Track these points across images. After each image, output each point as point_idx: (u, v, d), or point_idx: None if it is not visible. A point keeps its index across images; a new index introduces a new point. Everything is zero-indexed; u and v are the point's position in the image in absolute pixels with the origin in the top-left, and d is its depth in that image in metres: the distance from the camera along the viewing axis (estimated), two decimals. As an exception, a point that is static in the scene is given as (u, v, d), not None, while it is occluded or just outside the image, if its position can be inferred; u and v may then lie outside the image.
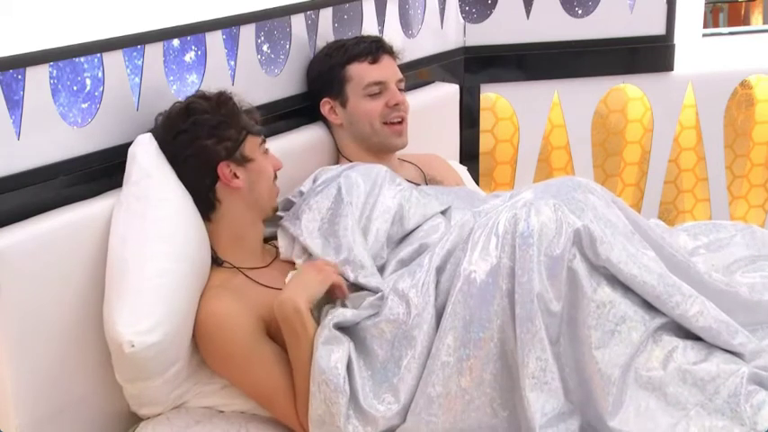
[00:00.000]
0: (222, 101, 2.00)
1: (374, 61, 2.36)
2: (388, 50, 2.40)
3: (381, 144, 2.37)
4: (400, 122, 2.36)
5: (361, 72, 2.35)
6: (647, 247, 1.83)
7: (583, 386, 1.73)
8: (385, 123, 2.34)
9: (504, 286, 1.74)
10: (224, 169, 1.97)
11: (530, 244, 1.74)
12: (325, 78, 2.38)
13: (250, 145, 2.01)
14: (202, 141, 1.96)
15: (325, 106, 2.39)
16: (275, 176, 2.08)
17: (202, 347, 1.92)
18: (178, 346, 1.85)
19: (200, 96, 2.03)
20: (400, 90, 2.38)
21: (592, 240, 1.75)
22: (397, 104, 2.35)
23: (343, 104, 2.37)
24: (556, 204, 1.78)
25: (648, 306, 1.78)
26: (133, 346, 1.76)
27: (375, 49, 2.36)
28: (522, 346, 1.70)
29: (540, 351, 1.70)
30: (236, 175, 1.98)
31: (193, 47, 2.14)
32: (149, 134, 1.97)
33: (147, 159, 1.93)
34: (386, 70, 2.37)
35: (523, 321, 1.71)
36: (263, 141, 2.06)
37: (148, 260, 1.83)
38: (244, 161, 1.99)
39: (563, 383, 1.73)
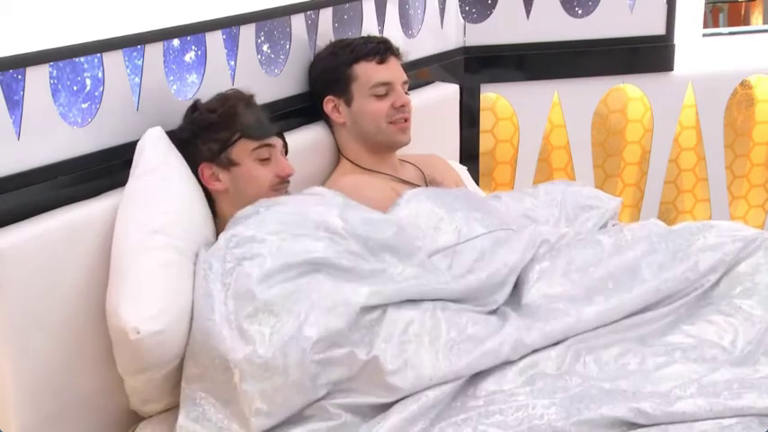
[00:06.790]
0: (223, 100, 2.03)
1: (382, 61, 2.36)
2: (395, 52, 2.40)
3: (386, 141, 2.36)
4: (405, 121, 2.37)
5: (368, 71, 2.35)
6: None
7: None
8: (390, 122, 2.35)
9: None
10: (204, 170, 2.01)
11: None
12: (330, 76, 2.38)
13: (240, 149, 2.01)
14: (193, 140, 2.01)
15: (329, 104, 2.38)
16: (285, 181, 2.06)
17: None
18: (180, 337, 1.84)
19: (218, 94, 2.07)
20: (405, 92, 2.39)
21: None
22: (403, 106, 2.35)
23: (348, 103, 2.36)
24: None
25: None
26: (138, 332, 1.74)
27: (383, 49, 2.37)
28: None
29: None
30: (218, 178, 2.01)
31: (193, 47, 2.14)
32: (159, 127, 1.99)
33: (154, 152, 1.95)
34: (393, 71, 2.37)
35: None
36: (265, 146, 2.04)
37: (152, 251, 1.84)
38: (229, 164, 2.01)
39: None
